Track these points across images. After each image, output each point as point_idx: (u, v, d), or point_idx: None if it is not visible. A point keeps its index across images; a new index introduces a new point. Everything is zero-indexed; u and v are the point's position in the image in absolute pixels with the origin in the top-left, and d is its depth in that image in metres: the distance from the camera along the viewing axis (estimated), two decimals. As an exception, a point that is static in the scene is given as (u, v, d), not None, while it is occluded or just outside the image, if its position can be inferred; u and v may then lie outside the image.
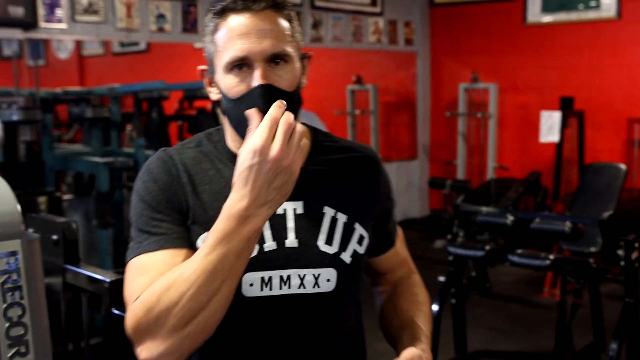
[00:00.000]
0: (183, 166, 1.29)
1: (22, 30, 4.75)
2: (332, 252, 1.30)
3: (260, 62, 1.23)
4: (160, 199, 1.27)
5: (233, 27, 1.23)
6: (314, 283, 1.28)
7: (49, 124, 4.87)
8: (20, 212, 1.63)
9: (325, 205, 1.32)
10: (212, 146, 1.35)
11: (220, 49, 1.24)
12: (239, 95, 1.24)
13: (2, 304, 1.56)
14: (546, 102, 6.97)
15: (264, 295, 1.25)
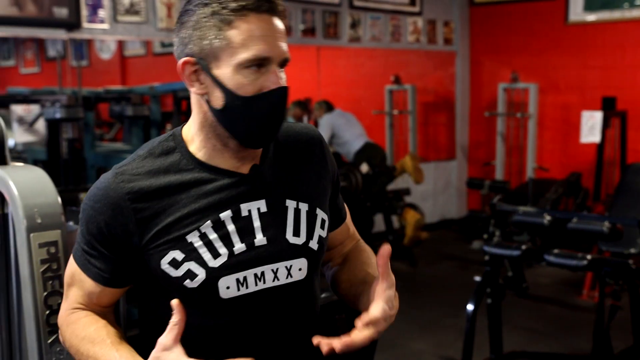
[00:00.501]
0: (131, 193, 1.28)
1: (66, 30, 4.87)
2: (300, 242, 1.36)
3: (277, 64, 1.27)
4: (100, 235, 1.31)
5: (256, 26, 1.24)
6: (287, 274, 1.34)
7: (91, 122, 4.98)
8: (61, 204, 1.68)
9: (286, 199, 1.36)
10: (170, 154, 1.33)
11: (236, 46, 1.24)
12: (254, 94, 1.25)
13: (43, 292, 1.61)
14: (587, 102, 6.87)
15: (240, 294, 1.30)
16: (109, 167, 5.12)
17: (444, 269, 6.26)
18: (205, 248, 1.28)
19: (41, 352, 1.60)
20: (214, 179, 1.31)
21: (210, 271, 1.28)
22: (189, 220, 1.28)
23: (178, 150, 1.33)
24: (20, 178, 1.66)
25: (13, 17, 4.62)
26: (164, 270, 1.29)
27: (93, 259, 1.33)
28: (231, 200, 1.31)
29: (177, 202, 1.29)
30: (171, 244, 1.27)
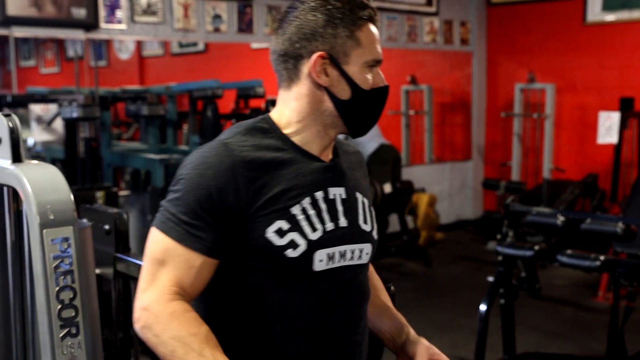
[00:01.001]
0: (244, 162, 1.36)
1: (84, 31, 4.93)
2: (368, 229, 1.52)
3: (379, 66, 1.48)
4: (209, 202, 1.34)
5: (371, 32, 1.45)
6: (359, 256, 1.49)
7: (108, 121, 5.03)
8: (73, 200, 1.71)
9: (356, 191, 1.53)
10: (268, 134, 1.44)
11: (363, 47, 1.43)
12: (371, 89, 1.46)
13: (55, 287, 1.63)
14: (605, 102, 6.82)
15: (328, 268, 1.43)
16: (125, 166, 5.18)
17: (458, 269, 6.25)
18: (306, 222, 1.39)
19: (53, 346, 1.62)
20: (307, 162, 1.44)
21: (310, 243, 1.39)
22: (292, 194, 1.39)
23: (273, 132, 1.44)
24: (33, 175, 1.69)
25: (32, 18, 4.69)
26: (268, 238, 1.37)
27: (194, 229, 1.34)
28: (322, 182, 1.45)
29: (280, 176, 1.39)
30: (278, 213, 1.37)
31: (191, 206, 1.34)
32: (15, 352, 1.93)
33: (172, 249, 1.35)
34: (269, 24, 6.08)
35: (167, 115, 5.30)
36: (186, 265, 1.35)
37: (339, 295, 1.46)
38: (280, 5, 6.14)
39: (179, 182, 1.38)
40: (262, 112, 5.99)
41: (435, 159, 7.89)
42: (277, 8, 6.12)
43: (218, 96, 4.83)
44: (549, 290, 5.39)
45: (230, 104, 6.69)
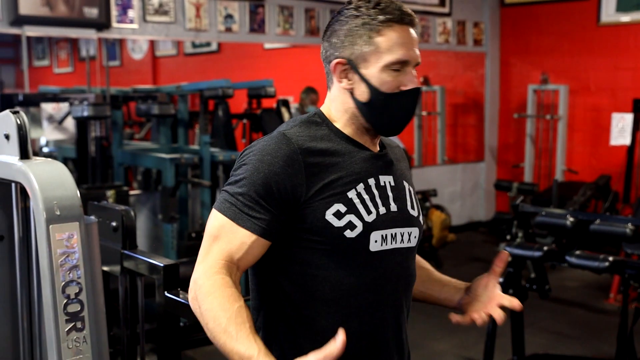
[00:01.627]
0: (301, 149, 1.48)
1: (96, 30, 4.96)
2: (416, 215, 1.62)
3: (413, 66, 1.53)
4: (266, 186, 1.44)
5: (399, 35, 1.50)
6: (408, 239, 1.59)
7: (119, 120, 5.06)
8: (79, 196, 1.73)
9: (403, 180, 1.63)
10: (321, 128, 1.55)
11: (383, 50, 1.49)
12: (395, 91, 1.51)
13: (61, 282, 1.65)
14: (618, 104, 6.79)
15: (382, 249, 1.53)
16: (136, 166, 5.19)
17: (470, 270, 6.23)
18: (361, 205, 1.49)
19: (59, 340, 1.64)
20: (358, 151, 1.55)
21: (366, 225, 1.49)
22: (348, 180, 1.50)
23: (325, 125, 1.56)
24: (40, 171, 1.71)
25: (44, 17, 4.72)
26: (328, 220, 1.46)
27: (250, 210, 1.44)
28: (373, 170, 1.55)
29: (336, 163, 1.50)
30: (335, 197, 1.47)
31: (249, 189, 1.44)
32: (22, 346, 1.95)
33: (228, 227, 1.45)
34: (280, 24, 6.09)
35: (178, 115, 5.32)
36: (239, 241, 1.44)
37: (391, 276, 1.55)
38: (292, 6, 6.16)
39: (240, 167, 1.49)
40: (272, 111, 6.00)
41: (447, 160, 7.87)
42: (289, 8, 6.14)
43: (228, 96, 4.84)
44: (560, 291, 5.37)
45: (243, 104, 6.72)
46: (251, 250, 1.45)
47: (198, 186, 4.91)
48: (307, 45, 6.49)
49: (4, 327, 1.96)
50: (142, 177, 5.70)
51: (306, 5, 6.24)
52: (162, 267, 2.05)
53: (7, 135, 1.79)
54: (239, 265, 1.45)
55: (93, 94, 4.12)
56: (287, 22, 6.14)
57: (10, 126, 1.78)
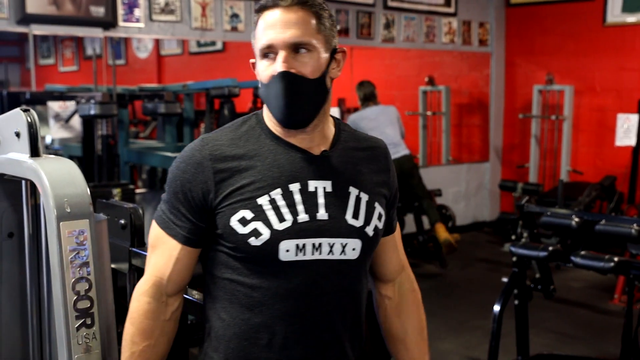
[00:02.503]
0: (213, 155, 1.45)
1: (102, 29, 4.98)
2: (358, 225, 1.48)
3: (284, 49, 1.42)
4: (182, 193, 1.46)
5: (266, 20, 1.44)
6: (341, 251, 1.47)
7: (125, 119, 5.07)
8: (89, 194, 1.74)
9: (350, 186, 1.50)
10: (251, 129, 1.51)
11: (257, 40, 1.45)
12: (268, 81, 1.44)
13: (71, 278, 1.66)
14: (624, 104, 6.78)
15: (297, 259, 1.43)
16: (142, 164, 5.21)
17: (474, 271, 6.23)
18: (273, 212, 1.42)
19: (68, 336, 1.65)
20: (286, 153, 1.47)
21: (274, 233, 1.41)
22: (262, 185, 1.43)
23: (258, 126, 1.50)
24: (51, 169, 1.72)
25: (51, 16, 4.74)
26: (233, 226, 1.42)
27: (174, 217, 1.47)
28: (301, 174, 1.46)
29: (253, 167, 1.44)
30: (243, 203, 1.42)
31: (170, 197, 1.48)
32: (31, 342, 1.96)
33: (160, 237, 1.49)
34: (286, 23, 6.10)
35: (184, 114, 5.34)
36: (168, 253, 1.48)
37: (312, 289, 1.45)
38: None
39: (168, 175, 1.52)
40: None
41: (452, 160, 7.87)
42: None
43: (234, 95, 4.86)
44: (565, 292, 5.37)
45: (248, 103, 6.73)
46: (179, 261, 1.48)
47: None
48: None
49: (14, 323, 1.98)
50: (148, 176, 5.72)
51: (312, 5, 6.24)
52: (170, 264, 2.06)
53: (18, 132, 1.81)
54: (170, 279, 1.48)
55: (100, 93, 4.14)
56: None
57: (20, 124, 1.80)
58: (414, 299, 1.71)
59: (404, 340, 1.68)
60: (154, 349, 1.47)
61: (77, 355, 1.66)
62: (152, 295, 1.47)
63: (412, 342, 1.68)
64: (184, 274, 1.49)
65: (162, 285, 1.48)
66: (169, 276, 1.48)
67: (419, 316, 1.70)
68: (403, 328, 1.68)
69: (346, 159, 1.52)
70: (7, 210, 1.96)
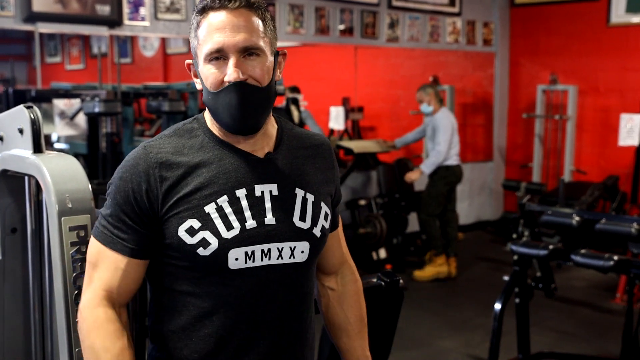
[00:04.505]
0: (158, 163, 1.40)
1: (107, 27, 5.01)
2: (305, 227, 1.47)
3: (234, 53, 1.38)
4: (128, 204, 1.40)
5: (211, 22, 1.38)
6: (290, 254, 1.45)
7: (130, 117, 5.10)
8: (91, 190, 1.77)
9: (296, 187, 1.48)
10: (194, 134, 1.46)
11: (201, 42, 1.39)
12: (217, 90, 1.39)
13: (72, 273, 1.69)
14: (627, 104, 6.79)
15: (247, 267, 1.41)
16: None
17: (477, 270, 6.25)
18: (220, 220, 1.38)
19: (70, 330, 1.68)
20: (232, 158, 1.43)
21: (223, 242, 1.38)
22: (208, 192, 1.39)
23: (201, 130, 1.46)
24: (53, 165, 1.75)
25: (57, 14, 4.78)
26: (181, 237, 1.38)
27: (118, 231, 1.41)
28: (247, 179, 1.42)
29: (198, 175, 1.40)
30: (190, 212, 1.38)
31: (114, 209, 1.41)
32: (34, 336, 1.99)
33: (102, 252, 1.42)
34: (291, 22, 6.12)
35: (188, 112, 5.37)
36: (113, 267, 1.41)
37: (263, 296, 1.43)
38: (302, 4, 6.19)
39: (109, 187, 1.46)
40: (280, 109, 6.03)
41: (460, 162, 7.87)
42: (300, 7, 6.17)
43: (202, 97, 4.89)
44: (567, 291, 5.38)
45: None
46: (127, 274, 1.42)
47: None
48: (318, 44, 6.51)
49: (17, 317, 2.00)
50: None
51: (316, 4, 6.27)
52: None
53: (21, 129, 1.84)
54: (120, 292, 1.42)
55: (104, 91, 4.17)
56: (298, 20, 6.17)
57: (24, 121, 1.83)
58: (355, 289, 1.71)
59: (346, 328, 1.68)
60: (129, 350, 1.39)
61: (77, 348, 1.69)
62: (106, 305, 1.40)
63: (354, 330, 1.68)
64: (132, 287, 1.44)
65: (112, 298, 1.42)
66: (117, 289, 1.42)
67: (360, 305, 1.71)
68: (345, 317, 1.68)
69: (291, 159, 1.50)
70: (10, 206, 1.98)
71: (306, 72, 7.85)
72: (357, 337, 1.69)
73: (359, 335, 1.69)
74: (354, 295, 1.70)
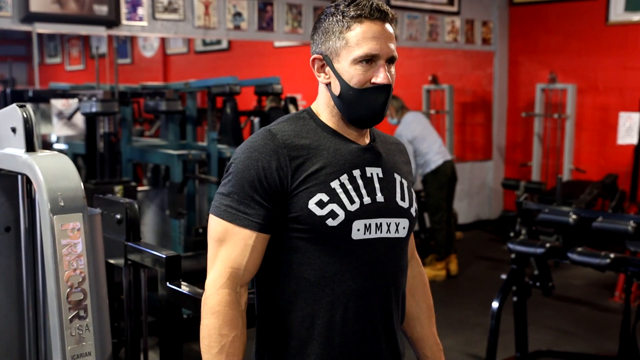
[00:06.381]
0: (285, 144, 1.55)
1: (105, 27, 5.02)
2: (405, 206, 1.65)
3: (384, 60, 1.56)
4: (257, 181, 1.52)
5: (368, 30, 1.55)
6: (396, 229, 1.63)
7: (128, 117, 5.11)
8: (83, 188, 1.77)
9: (394, 172, 1.67)
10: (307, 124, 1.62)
11: (352, 45, 1.55)
12: (363, 87, 1.56)
13: (64, 271, 1.70)
14: (626, 103, 6.78)
15: (366, 237, 1.57)
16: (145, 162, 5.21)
17: (476, 269, 6.25)
18: (344, 195, 1.55)
19: (62, 327, 1.69)
20: (344, 144, 1.60)
21: (348, 214, 1.54)
22: (331, 171, 1.55)
23: (312, 120, 1.63)
24: (45, 164, 1.75)
25: (55, 14, 4.78)
26: (311, 209, 1.52)
27: (244, 207, 1.52)
28: (359, 162, 1.60)
29: (320, 155, 1.56)
30: (318, 187, 1.53)
31: (241, 186, 1.52)
32: (27, 334, 2.00)
33: (229, 230, 1.53)
34: (289, 22, 6.13)
35: (186, 112, 5.37)
36: (242, 243, 1.52)
37: (376, 265, 1.59)
38: (301, 4, 6.19)
39: (230, 166, 1.57)
40: (279, 109, 6.04)
41: (455, 159, 7.86)
42: (298, 6, 6.17)
43: (236, 92, 4.88)
44: (565, 289, 5.38)
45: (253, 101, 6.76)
46: (255, 249, 1.53)
47: (205, 182, 4.96)
48: None
49: (11, 315, 2.01)
50: (151, 174, 5.75)
51: (315, 4, 6.28)
52: (164, 258, 2.09)
53: (14, 128, 1.84)
54: (247, 268, 1.53)
55: (101, 90, 4.17)
56: (296, 20, 6.17)
57: (16, 119, 1.83)
58: (424, 281, 1.87)
59: (419, 317, 1.82)
60: (241, 339, 1.52)
61: (70, 346, 1.70)
62: (229, 286, 1.51)
63: (426, 319, 1.83)
64: (258, 262, 1.55)
65: (237, 276, 1.52)
66: (245, 265, 1.53)
67: (429, 295, 1.86)
68: (418, 307, 1.82)
69: (385, 150, 1.68)
70: (3, 204, 1.99)
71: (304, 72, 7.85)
72: (429, 325, 1.84)
73: (430, 324, 1.84)
74: (423, 286, 1.86)
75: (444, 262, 5.90)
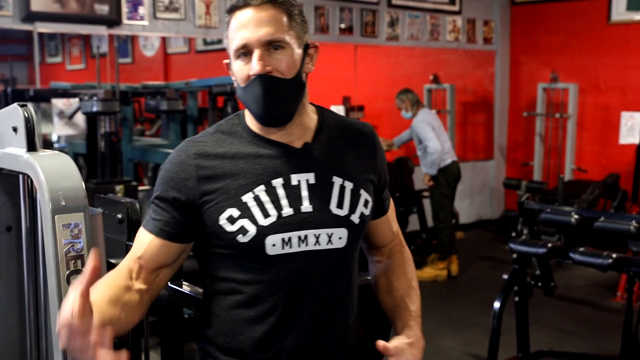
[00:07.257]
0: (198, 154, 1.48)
1: (106, 27, 5.01)
2: (343, 214, 1.52)
3: (258, 47, 1.43)
4: (167, 193, 1.48)
5: (237, 20, 1.46)
6: (328, 240, 1.50)
7: (129, 116, 5.11)
8: (84, 188, 1.76)
9: (333, 176, 1.53)
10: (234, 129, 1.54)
11: (230, 40, 1.47)
12: (247, 83, 1.45)
13: (66, 271, 1.69)
14: (628, 102, 6.78)
15: (284, 252, 1.47)
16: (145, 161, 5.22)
17: (477, 268, 6.24)
18: (258, 208, 1.45)
19: (63, 328, 1.67)
20: (267, 149, 1.50)
21: (260, 229, 1.45)
22: (245, 183, 1.46)
23: (240, 125, 1.53)
24: (46, 163, 1.74)
25: (55, 14, 4.78)
26: (221, 225, 1.45)
27: (154, 214, 1.50)
28: (283, 169, 1.49)
29: (235, 166, 1.48)
30: (229, 201, 1.45)
31: (155, 196, 1.51)
32: (29, 335, 1.99)
33: (139, 233, 1.52)
34: (290, 21, 6.12)
35: (187, 111, 5.37)
36: (140, 241, 1.50)
37: (302, 280, 1.49)
38: (302, 3, 6.17)
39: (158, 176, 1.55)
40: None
41: (457, 158, 7.86)
42: (298, 6, 6.15)
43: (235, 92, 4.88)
44: (568, 290, 5.37)
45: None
46: (150, 249, 1.48)
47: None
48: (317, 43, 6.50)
49: (12, 316, 2.00)
50: (153, 173, 5.75)
51: (316, 3, 6.27)
52: (165, 258, 2.08)
53: (15, 127, 1.83)
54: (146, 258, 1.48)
55: (102, 90, 4.17)
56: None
57: (18, 119, 1.82)
58: (403, 260, 1.74)
59: (389, 289, 1.68)
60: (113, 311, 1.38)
61: (71, 346, 1.69)
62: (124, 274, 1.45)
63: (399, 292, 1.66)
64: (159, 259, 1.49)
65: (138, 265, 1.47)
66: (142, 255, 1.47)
67: (405, 273, 1.71)
68: (389, 282, 1.69)
69: (329, 148, 1.55)
70: (5, 204, 1.98)
71: (306, 71, 7.83)
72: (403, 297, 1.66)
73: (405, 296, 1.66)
74: (401, 266, 1.72)
75: (446, 262, 5.90)
